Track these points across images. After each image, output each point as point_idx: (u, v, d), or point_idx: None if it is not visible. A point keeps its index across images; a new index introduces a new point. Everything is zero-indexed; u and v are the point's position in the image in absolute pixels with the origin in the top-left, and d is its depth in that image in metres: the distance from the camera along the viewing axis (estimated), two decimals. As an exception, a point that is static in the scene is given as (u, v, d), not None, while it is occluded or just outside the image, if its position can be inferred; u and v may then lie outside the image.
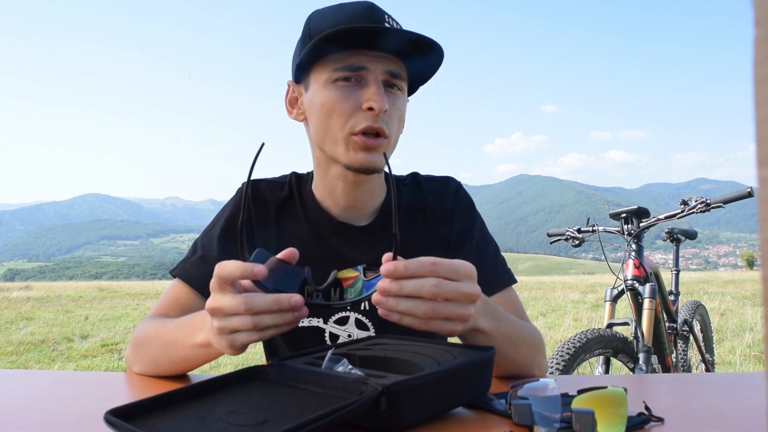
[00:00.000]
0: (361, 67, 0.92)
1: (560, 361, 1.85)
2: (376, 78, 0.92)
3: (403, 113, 0.99)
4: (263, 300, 0.69)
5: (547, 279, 17.27)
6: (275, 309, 0.69)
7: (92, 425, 0.66)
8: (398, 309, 0.69)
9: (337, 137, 0.95)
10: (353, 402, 0.56)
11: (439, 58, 0.96)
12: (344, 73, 0.92)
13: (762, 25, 0.22)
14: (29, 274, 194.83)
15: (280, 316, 0.70)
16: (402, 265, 0.68)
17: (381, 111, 0.91)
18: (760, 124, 0.22)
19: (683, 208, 2.30)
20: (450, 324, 0.71)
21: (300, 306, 0.70)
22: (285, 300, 0.69)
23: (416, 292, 0.68)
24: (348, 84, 0.93)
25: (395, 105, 0.96)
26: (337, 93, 0.93)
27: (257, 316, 0.69)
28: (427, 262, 0.69)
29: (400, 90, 0.97)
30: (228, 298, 0.69)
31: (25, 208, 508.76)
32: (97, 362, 4.94)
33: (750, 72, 0.22)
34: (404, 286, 0.68)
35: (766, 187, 0.22)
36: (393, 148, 1.00)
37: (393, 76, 0.94)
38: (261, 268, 0.68)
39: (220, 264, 0.70)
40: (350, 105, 0.92)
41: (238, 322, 0.70)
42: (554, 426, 0.59)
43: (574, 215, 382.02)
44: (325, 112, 0.94)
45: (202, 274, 0.99)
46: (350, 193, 1.03)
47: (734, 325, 6.08)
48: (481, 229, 1.11)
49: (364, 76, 0.93)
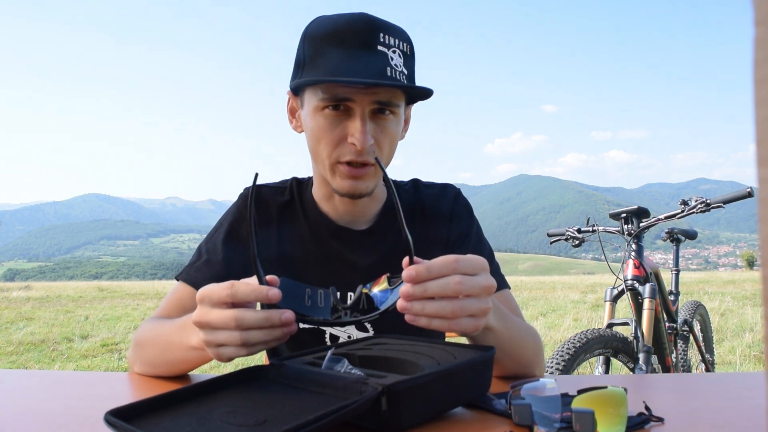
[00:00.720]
0: (346, 99, 0.91)
1: (560, 361, 1.85)
2: (362, 111, 0.91)
3: (397, 133, 0.98)
4: (253, 317, 0.68)
5: (547, 279, 17.28)
6: (266, 325, 0.68)
7: (92, 425, 0.66)
8: (425, 312, 0.67)
9: (325, 163, 0.96)
10: (353, 402, 0.56)
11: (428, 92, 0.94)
12: (331, 102, 0.91)
13: (762, 25, 0.22)
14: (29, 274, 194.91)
15: (269, 333, 0.69)
16: (424, 268, 0.67)
17: (363, 148, 0.90)
18: (760, 124, 0.22)
19: (683, 208, 2.30)
20: (474, 320, 0.70)
21: (291, 322, 0.69)
22: (276, 316, 0.68)
23: (441, 292, 0.67)
24: (336, 113, 0.92)
25: (385, 131, 0.95)
26: (324, 122, 0.93)
27: (246, 332, 0.68)
28: (450, 260, 0.68)
29: (392, 113, 0.95)
30: (217, 313, 0.69)
31: (25, 208, 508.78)
32: (97, 362, 4.94)
33: (750, 72, 0.22)
34: (428, 288, 0.67)
35: (766, 187, 0.22)
36: (387, 163, 0.99)
37: (383, 104, 0.92)
38: (275, 292, 0.67)
39: (235, 283, 0.69)
40: (336, 136, 0.93)
41: (226, 337, 0.69)
42: (554, 426, 0.59)
43: (574, 215, 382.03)
44: (314, 138, 0.95)
45: (208, 278, 1.00)
46: (348, 205, 1.05)
47: (734, 325, 6.08)
48: (477, 233, 1.12)
49: (350, 107, 0.92)
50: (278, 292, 0.68)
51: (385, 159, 0.97)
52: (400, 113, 0.97)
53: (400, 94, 0.94)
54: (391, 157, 1.00)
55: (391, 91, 0.92)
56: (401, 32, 0.96)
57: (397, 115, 0.96)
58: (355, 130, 0.90)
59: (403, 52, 0.94)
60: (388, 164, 1.00)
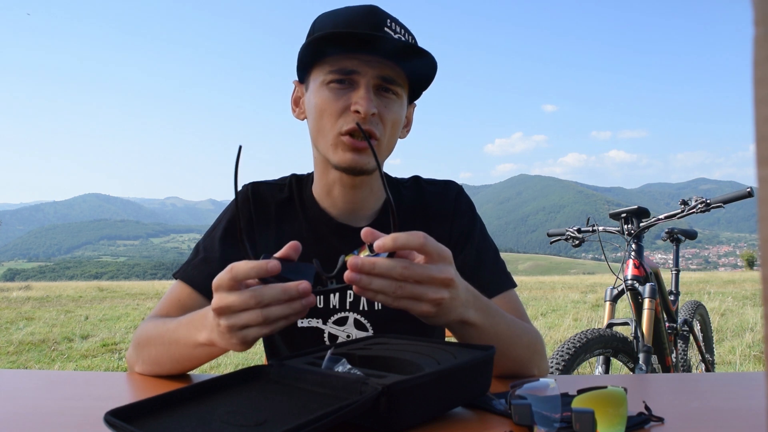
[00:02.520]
0: (352, 71, 0.94)
1: (560, 361, 1.85)
2: (367, 82, 0.94)
3: (399, 118, 0.99)
4: (271, 291, 0.69)
5: (547, 279, 17.26)
6: (284, 298, 0.69)
7: (92, 425, 0.66)
8: (371, 287, 0.70)
9: (328, 137, 0.96)
10: (353, 402, 0.56)
11: (431, 64, 0.96)
12: (337, 75, 0.94)
13: (761, 25, 0.22)
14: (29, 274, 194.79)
15: (289, 306, 0.69)
16: (390, 238, 0.69)
17: (367, 114, 0.92)
18: (759, 123, 0.22)
19: (683, 208, 2.30)
20: (419, 304, 0.72)
21: (308, 292, 0.69)
22: (293, 288, 0.69)
23: (387, 273, 0.69)
24: (341, 86, 0.95)
25: (388, 108, 0.96)
26: (330, 94, 0.95)
27: (267, 309, 0.69)
28: (419, 235, 0.71)
29: (395, 95, 0.97)
30: (235, 296, 0.69)
31: (25, 208, 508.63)
32: (97, 362, 4.94)
33: (750, 72, 0.22)
34: (376, 266, 0.69)
35: (766, 187, 0.22)
36: (388, 152, 1.01)
37: (386, 81, 0.95)
38: (274, 263, 0.68)
39: (234, 264, 0.70)
40: (340, 106, 0.94)
41: (248, 317, 0.69)
42: (554, 426, 0.59)
43: (574, 215, 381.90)
44: (318, 112, 0.96)
45: (205, 276, 0.99)
46: (348, 195, 1.04)
47: (734, 325, 6.08)
48: (481, 231, 1.11)
49: (356, 80, 0.94)
50: (277, 263, 0.68)
51: (385, 143, 0.98)
52: (403, 97, 0.99)
53: (403, 75, 0.97)
54: (392, 144, 1.01)
55: (393, 68, 0.95)
56: (407, 29, 0.99)
57: (400, 98, 0.99)
58: (359, 98, 0.93)
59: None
60: (389, 151, 1.01)
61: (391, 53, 0.93)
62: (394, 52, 0.93)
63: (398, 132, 1.01)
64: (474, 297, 0.81)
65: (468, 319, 0.80)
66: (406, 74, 0.98)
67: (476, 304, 0.81)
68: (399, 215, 1.08)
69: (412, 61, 0.96)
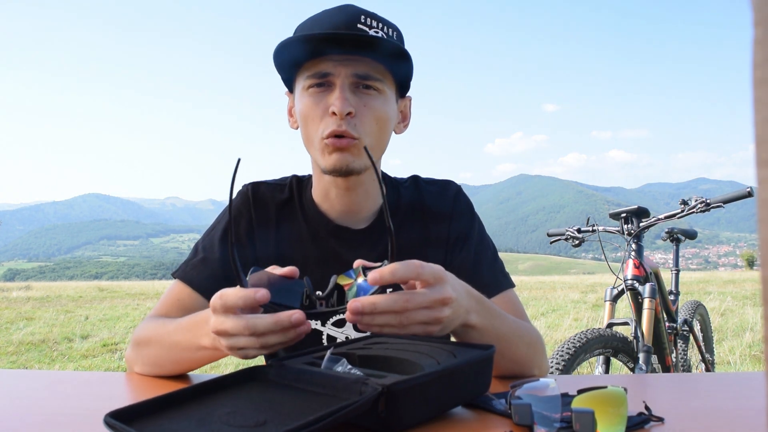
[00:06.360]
0: (327, 73, 0.93)
1: (560, 361, 1.85)
2: (342, 82, 0.93)
3: (384, 113, 0.97)
4: (264, 322, 0.69)
5: (547, 279, 17.27)
6: (278, 329, 0.69)
7: (92, 425, 0.66)
8: (375, 323, 0.70)
9: (315, 143, 0.97)
10: (353, 402, 0.56)
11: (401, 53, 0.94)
12: (314, 80, 0.94)
13: (761, 26, 0.22)
14: (29, 274, 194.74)
15: (284, 335, 0.70)
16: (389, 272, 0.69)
17: (342, 115, 0.91)
18: (759, 125, 0.22)
19: (683, 207, 2.30)
20: (428, 327, 0.73)
21: (302, 322, 0.70)
22: (285, 319, 0.69)
23: (390, 309, 0.69)
24: (319, 90, 0.95)
25: (368, 105, 0.95)
26: (310, 100, 0.95)
27: (262, 338, 0.70)
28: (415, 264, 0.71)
29: (376, 90, 0.96)
30: (231, 322, 0.70)
31: (25, 208, 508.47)
32: (97, 362, 4.93)
33: (749, 73, 0.22)
34: (378, 306, 0.69)
35: (766, 187, 0.22)
36: (380, 150, 1.00)
37: (363, 78, 0.94)
38: (263, 293, 0.68)
39: (222, 293, 0.71)
40: (320, 110, 0.94)
41: (245, 342, 0.70)
42: (554, 426, 0.59)
43: (574, 215, 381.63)
44: (303, 119, 0.97)
45: (204, 276, 1.00)
46: (344, 197, 1.04)
47: (734, 325, 6.08)
48: (479, 232, 1.11)
49: (332, 81, 0.94)
50: (266, 292, 0.68)
51: (374, 140, 0.97)
52: (386, 92, 0.97)
53: (381, 68, 0.96)
54: (382, 141, 1.00)
55: (369, 64, 0.94)
56: (388, 22, 0.97)
57: (382, 93, 0.97)
58: (334, 99, 0.92)
59: (388, 36, 0.95)
60: (381, 150, 1.00)
61: (361, 49, 0.92)
62: (365, 47, 0.92)
63: (388, 128, 1.00)
64: (475, 300, 0.82)
65: (470, 323, 0.80)
66: (386, 68, 0.97)
67: (477, 308, 0.82)
68: (398, 215, 1.08)
69: (387, 55, 0.94)
